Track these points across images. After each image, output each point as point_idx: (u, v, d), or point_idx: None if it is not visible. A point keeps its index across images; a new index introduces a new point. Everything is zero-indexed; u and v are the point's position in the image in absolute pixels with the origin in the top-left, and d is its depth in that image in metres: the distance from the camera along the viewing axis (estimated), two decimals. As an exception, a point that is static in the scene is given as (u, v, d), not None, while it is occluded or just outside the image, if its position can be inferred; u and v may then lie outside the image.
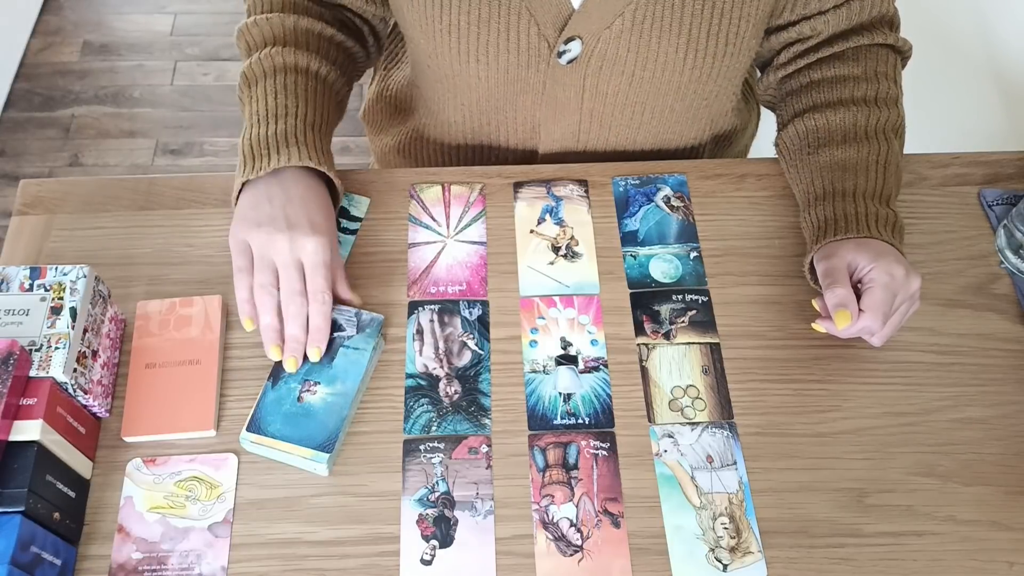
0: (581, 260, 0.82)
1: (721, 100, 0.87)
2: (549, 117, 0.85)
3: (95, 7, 2.25)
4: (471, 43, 0.78)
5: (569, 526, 0.68)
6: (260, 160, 0.75)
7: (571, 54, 0.79)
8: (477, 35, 0.77)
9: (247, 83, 0.80)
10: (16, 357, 0.62)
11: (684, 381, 0.75)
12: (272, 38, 0.81)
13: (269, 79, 0.79)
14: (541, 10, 0.76)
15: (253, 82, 0.79)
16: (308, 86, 0.80)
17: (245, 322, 0.73)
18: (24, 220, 0.83)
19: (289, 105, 0.77)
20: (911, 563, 0.68)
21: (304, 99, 0.79)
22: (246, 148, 0.76)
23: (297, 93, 0.78)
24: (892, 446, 0.73)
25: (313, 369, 0.73)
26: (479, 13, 0.76)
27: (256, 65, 0.80)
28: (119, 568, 0.66)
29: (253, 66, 0.80)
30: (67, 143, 1.99)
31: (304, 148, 0.75)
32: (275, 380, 0.72)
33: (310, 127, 0.77)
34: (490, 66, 0.80)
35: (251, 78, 0.80)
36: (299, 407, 0.71)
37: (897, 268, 0.71)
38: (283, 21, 0.81)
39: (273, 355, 0.72)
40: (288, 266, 0.72)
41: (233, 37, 0.85)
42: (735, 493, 0.70)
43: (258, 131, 0.76)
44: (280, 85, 0.78)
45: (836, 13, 0.81)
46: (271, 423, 0.70)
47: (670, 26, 0.76)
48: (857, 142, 0.79)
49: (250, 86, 0.80)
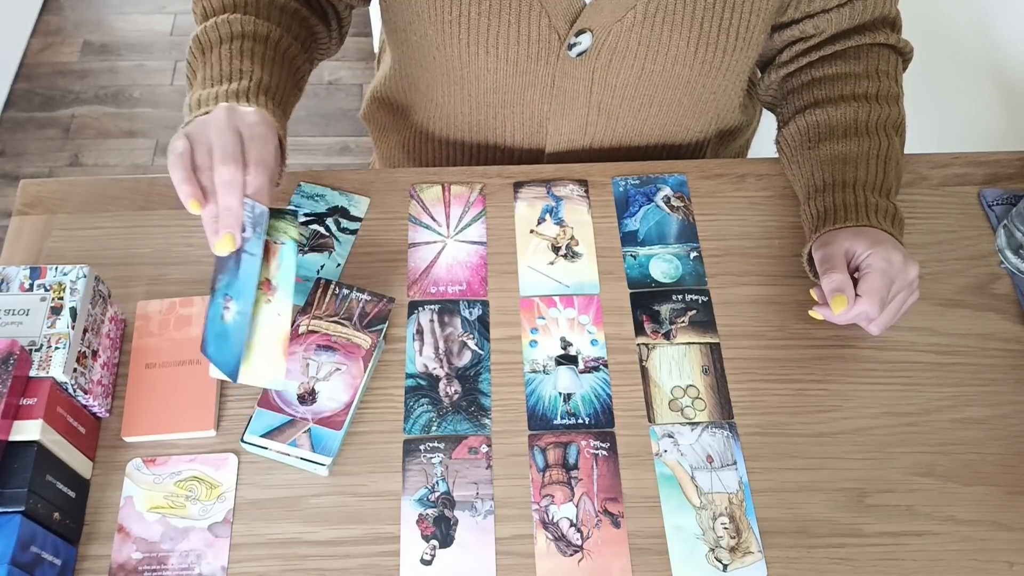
0: (581, 260, 0.82)
1: (728, 95, 0.87)
2: (557, 111, 0.85)
3: (95, 7, 2.25)
4: (480, 34, 0.78)
5: (569, 526, 0.68)
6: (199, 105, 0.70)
7: (581, 47, 0.79)
8: (487, 26, 0.77)
9: (200, 48, 0.75)
10: (16, 357, 0.62)
11: (684, 381, 0.75)
12: (232, 4, 0.77)
13: (224, 45, 0.74)
14: (552, 2, 0.76)
15: (207, 47, 0.75)
16: (265, 54, 0.75)
17: (190, 205, 0.64)
18: (24, 220, 0.83)
19: (244, 69, 0.72)
20: (911, 563, 0.68)
21: (260, 65, 0.74)
22: (192, 102, 0.71)
23: (253, 59, 0.73)
24: (892, 446, 0.73)
25: (231, 282, 0.66)
26: (489, 4, 0.76)
27: (211, 30, 0.75)
28: (119, 568, 0.66)
29: (208, 31, 0.75)
30: (67, 143, 1.99)
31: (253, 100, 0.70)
32: (212, 293, 0.67)
33: (264, 91, 0.72)
34: (499, 58, 0.80)
35: (204, 43, 0.75)
36: (221, 326, 0.67)
37: (895, 254, 0.71)
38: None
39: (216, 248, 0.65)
40: (223, 131, 0.65)
41: (189, 3, 0.81)
42: (735, 493, 0.70)
43: (207, 92, 0.71)
44: (236, 50, 0.73)
45: (839, 12, 0.81)
46: (210, 343, 0.67)
47: (681, 20, 0.76)
48: (858, 136, 0.79)
49: (204, 52, 0.75)
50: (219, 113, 0.67)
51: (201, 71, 0.74)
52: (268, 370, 0.65)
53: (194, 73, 0.76)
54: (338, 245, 0.82)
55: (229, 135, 0.65)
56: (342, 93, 2.09)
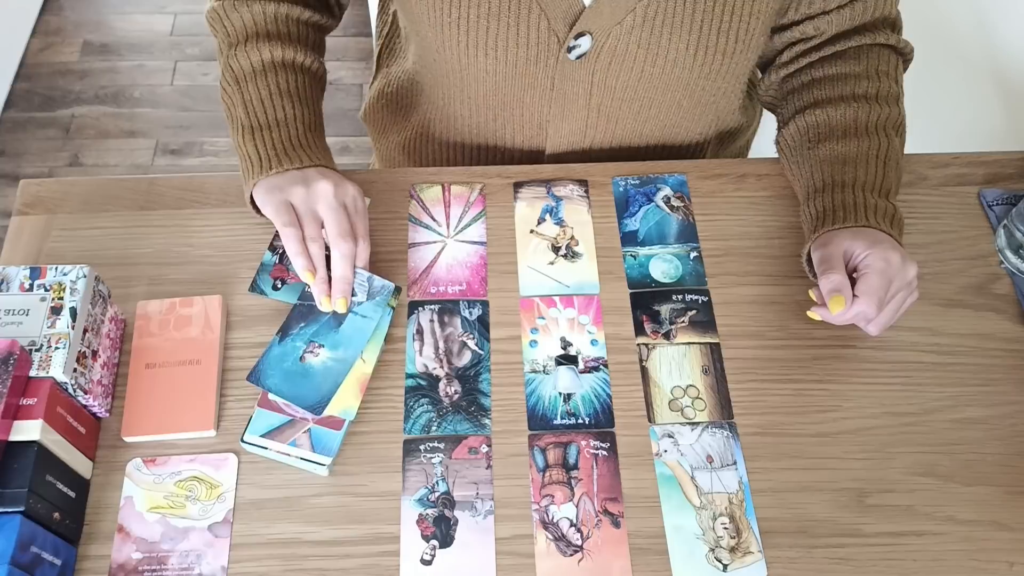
0: (581, 260, 0.82)
1: (728, 97, 0.87)
2: (557, 113, 0.85)
3: (95, 7, 2.25)
4: (480, 36, 0.78)
5: (569, 526, 0.68)
6: (270, 162, 0.76)
7: (580, 49, 0.79)
8: (487, 29, 0.77)
9: (235, 80, 0.80)
10: (16, 357, 0.62)
11: (684, 381, 0.75)
12: (254, 29, 0.81)
13: (260, 78, 0.79)
14: (552, 5, 0.76)
15: (242, 79, 0.80)
16: (300, 83, 0.81)
17: (306, 276, 0.73)
18: (24, 220, 0.83)
19: (287, 108, 0.78)
20: (911, 563, 0.68)
21: (300, 99, 0.80)
22: (251, 152, 0.77)
23: (291, 93, 0.79)
24: (892, 446, 0.73)
25: (320, 332, 0.74)
26: (489, 6, 0.76)
27: (244, 60, 0.80)
28: (119, 568, 0.66)
29: (240, 61, 0.80)
30: (67, 143, 1.99)
31: (307, 151, 0.77)
32: (282, 336, 0.74)
33: (309, 129, 0.79)
34: (499, 60, 0.80)
35: (239, 75, 0.80)
36: (300, 366, 0.72)
37: (893, 255, 0.71)
38: (264, 9, 0.82)
39: (325, 307, 0.74)
40: (335, 209, 0.73)
41: (204, 16, 0.85)
42: (735, 493, 0.70)
43: (261, 136, 0.77)
44: (274, 85, 0.79)
45: (840, 13, 0.81)
46: (271, 376, 0.72)
47: (681, 23, 0.76)
48: (857, 137, 0.79)
49: (239, 82, 0.80)
50: (325, 188, 0.74)
51: (241, 106, 0.79)
52: (344, 405, 0.72)
53: (231, 104, 0.80)
54: None
55: (342, 213, 0.74)
56: (342, 93, 2.09)
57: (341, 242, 0.73)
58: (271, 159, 0.76)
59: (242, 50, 0.80)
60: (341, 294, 0.74)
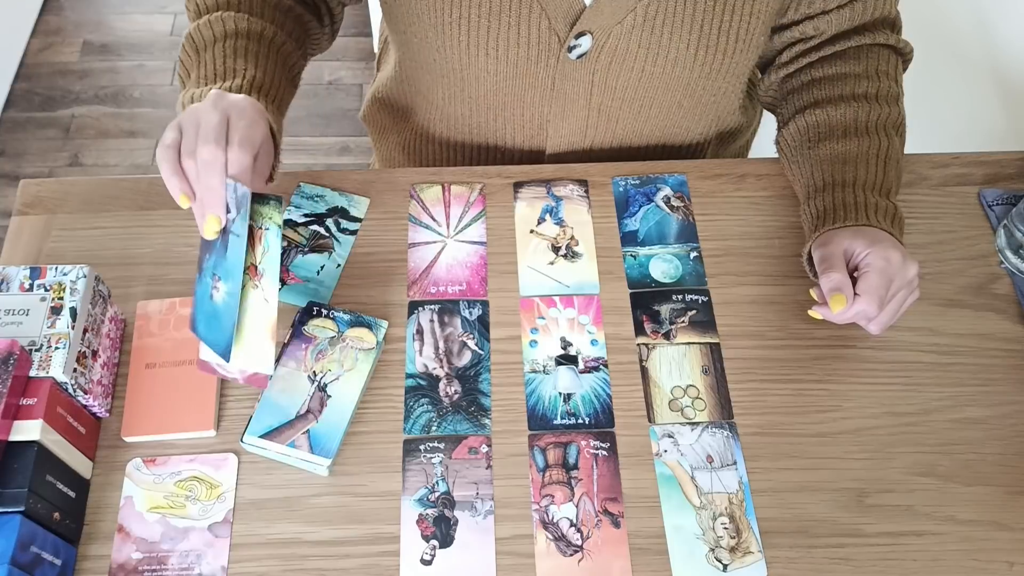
0: (581, 260, 0.82)
1: (728, 97, 0.87)
2: (557, 113, 0.85)
3: (95, 7, 2.25)
4: (480, 36, 0.78)
5: (569, 526, 0.68)
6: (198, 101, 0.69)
7: (581, 49, 0.79)
8: (487, 28, 0.77)
9: (193, 47, 0.75)
10: (16, 357, 0.62)
11: (684, 381, 0.75)
12: (225, 2, 0.77)
13: (218, 43, 0.74)
14: (552, 4, 0.76)
15: (201, 46, 0.75)
16: (259, 51, 0.75)
17: (180, 199, 0.64)
18: (24, 220, 0.83)
19: (238, 67, 0.73)
20: (911, 563, 0.68)
21: (255, 63, 0.74)
22: (185, 100, 0.71)
23: (247, 57, 0.74)
24: (892, 446, 0.73)
25: (217, 262, 0.66)
26: (490, 6, 0.76)
27: (204, 28, 0.75)
28: (119, 568, 0.66)
29: (202, 29, 0.76)
30: (67, 143, 1.99)
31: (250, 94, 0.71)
32: (199, 272, 0.68)
33: (257, 88, 0.72)
34: (499, 60, 0.80)
35: (198, 42, 0.75)
36: (211, 305, 0.67)
37: (894, 253, 0.71)
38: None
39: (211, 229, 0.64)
40: (208, 111, 0.64)
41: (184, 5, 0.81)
42: (735, 493, 0.70)
43: (200, 90, 0.71)
44: (230, 48, 0.74)
45: (839, 13, 0.81)
46: (200, 321, 0.68)
47: (682, 22, 0.76)
48: (857, 136, 0.79)
49: (197, 50, 0.75)
50: (207, 98, 0.66)
51: (195, 70, 0.74)
52: (258, 354, 0.66)
53: (187, 72, 0.76)
54: (338, 246, 0.82)
55: (214, 115, 0.64)
56: (342, 93, 2.09)
57: (202, 146, 0.62)
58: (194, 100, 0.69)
59: (206, 20, 0.76)
60: (210, 209, 0.62)
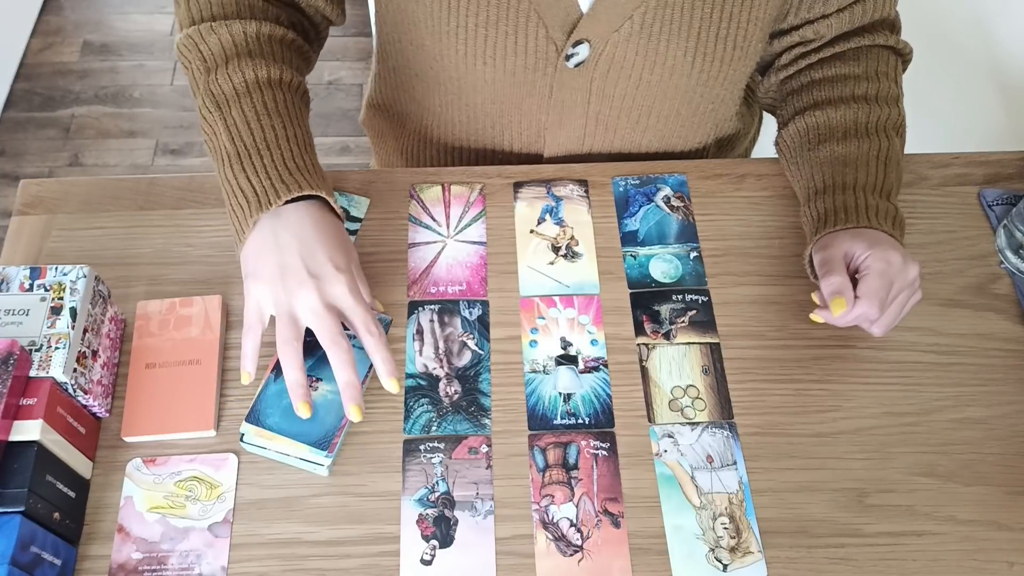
0: (581, 260, 0.82)
1: (726, 104, 0.87)
2: (555, 121, 0.85)
3: (95, 7, 2.25)
4: (478, 45, 0.78)
5: (569, 526, 0.68)
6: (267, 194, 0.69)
7: (579, 57, 0.79)
8: (484, 37, 0.77)
9: (216, 106, 0.72)
10: (16, 357, 0.62)
11: (684, 381, 0.75)
12: (234, 50, 0.74)
13: (244, 99, 0.72)
14: (549, 13, 0.76)
15: (223, 104, 0.72)
16: (287, 101, 0.74)
17: (243, 376, 0.68)
18: (24, 220, 0.83)
19: (276, 127, 0.71)
20: (911, 563, 0.68)
21: (289, 118, 0.73)
22: (243, 184, 0.69)
23: (280, 112, 0.72)
24: (892, 446, 0.73)
25: (316, 366, 0.72)
26: (487, 15, 0.75)
27: (225, 83, 0.73)
28: (119, 568, 0.66)
29: (221, 85, 0.73)
30: (67, 143, 1.99)
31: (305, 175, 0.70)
32: (277, 373, 0.71)
33: (304, 149, 0.72)
34: (496, 68, 0.80)
35: (220, 99, 0.72)
36: None
37: (894, 255, 0.71)
38: (244, 28, 0.75)
39: (303, 413, 0.66)
40: (322, 315, 0.67)
41: (175, 48, 0.77)
42: (735, 493, 0.70)
43: (251, 162, 0.70)
44: (260, 105, 0.72)
45: (839, 16, 0.81)
46: (270, 415, 0.70)
47: (679, 30, 0.76)
48: (857, 138, 0.79)
49: (220, 108, 0.72)
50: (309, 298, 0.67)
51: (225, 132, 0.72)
52: None
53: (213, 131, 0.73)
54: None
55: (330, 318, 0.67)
56: (342, 93, 2.09)
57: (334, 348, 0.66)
58: (267, 190, 0.68)
59: (223, 73, 0.73)
60: (353, 401, 0.67)
